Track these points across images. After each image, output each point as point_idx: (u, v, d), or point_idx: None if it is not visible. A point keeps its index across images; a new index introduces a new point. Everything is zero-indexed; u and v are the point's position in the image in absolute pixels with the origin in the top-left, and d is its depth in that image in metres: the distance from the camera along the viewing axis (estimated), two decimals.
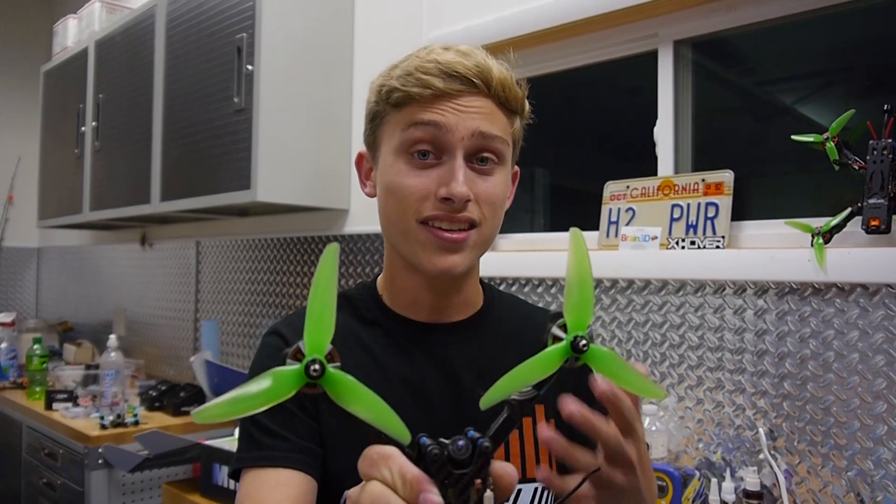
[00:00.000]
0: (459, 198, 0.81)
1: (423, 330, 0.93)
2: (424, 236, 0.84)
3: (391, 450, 0.48)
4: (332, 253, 0.46)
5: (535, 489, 0.93)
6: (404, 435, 0.48)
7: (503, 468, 0.49)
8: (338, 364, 0.46)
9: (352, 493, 0.50)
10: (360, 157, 0.97)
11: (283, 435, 0.84)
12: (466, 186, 0.82)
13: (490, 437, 0.49)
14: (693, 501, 1.40)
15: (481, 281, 1.01)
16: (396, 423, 0.48)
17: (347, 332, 0.91)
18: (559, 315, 0.51)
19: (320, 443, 0.86)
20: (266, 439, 0.84)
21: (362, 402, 0.47)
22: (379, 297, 0.96)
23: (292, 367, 0.45)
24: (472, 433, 0.49)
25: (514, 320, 1.01)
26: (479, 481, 0.48)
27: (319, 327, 0.46)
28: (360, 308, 0.95)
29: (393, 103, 0.86)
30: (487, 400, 0.49)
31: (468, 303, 0.96)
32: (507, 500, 0.50)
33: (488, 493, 0.48)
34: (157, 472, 2.26)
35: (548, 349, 0.50)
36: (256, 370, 0.89)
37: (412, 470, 0.46)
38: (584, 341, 0.49)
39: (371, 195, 0.94)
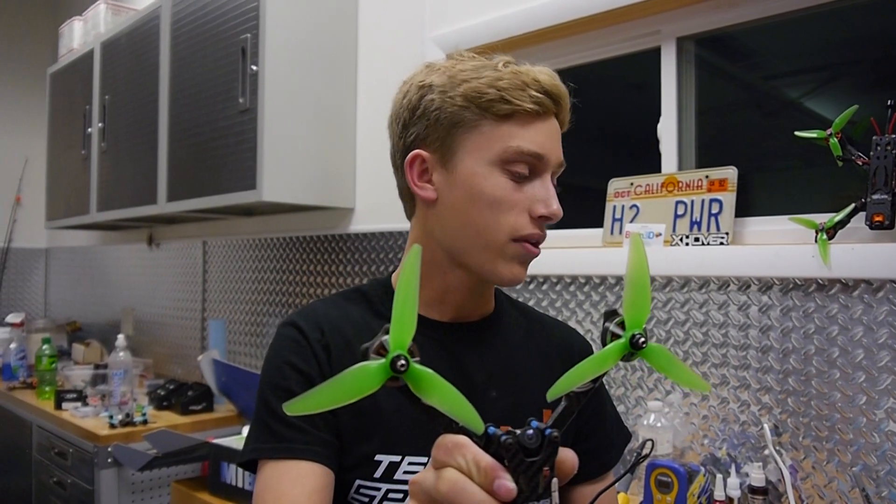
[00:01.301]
0: (557, 216, 0.88)
1: (436, 328, 0.94)
2: (514, 251, 0.88)
3: (464, 439, 0.50)
4: (415, 254, 0.49)
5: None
6: (478, 425, 0.50)
7: (565, 454, 0.52)
8: (418, 359, 0.49)
9: (421, 479, 0.51)
10: (416, 156, 0.90)
11: (301, 426, 0.85)
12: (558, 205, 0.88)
13: (555, 427, 0.51)
14: (698, 497, 1.41)
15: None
16: (472, 413, 0.50)
17: (363, 326, 0.93)
18: (615, 313, 0.55)
19: (337, 434, 0.87)
20: (285, 431, 0.85)
21: (442, 394, 0.49)
22: (394, 293, 0.97)
23: (378, 362, 0.48)
24: (537, 423, 0.51)
25: (523, 325, 1.03)
26: (546, 469, 0.50)
27: (403, 324, 0.48)
28: (376, 303, 0.97)
29: (497, 113, 0.86)
30: (554, 392, 0.53)
31: (485, 305, 0.99)
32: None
33: (555, 480, 0.50)
34: (166, 470, 2.28)
35: (608, 347, 0.53)
36: (273, 360, 0.91)
37: (486, 458, 0.49)
38: (642, 339, 0.52)
39: (431, 198, 0.90)
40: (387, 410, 0.87)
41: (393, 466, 0.86)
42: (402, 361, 0.47)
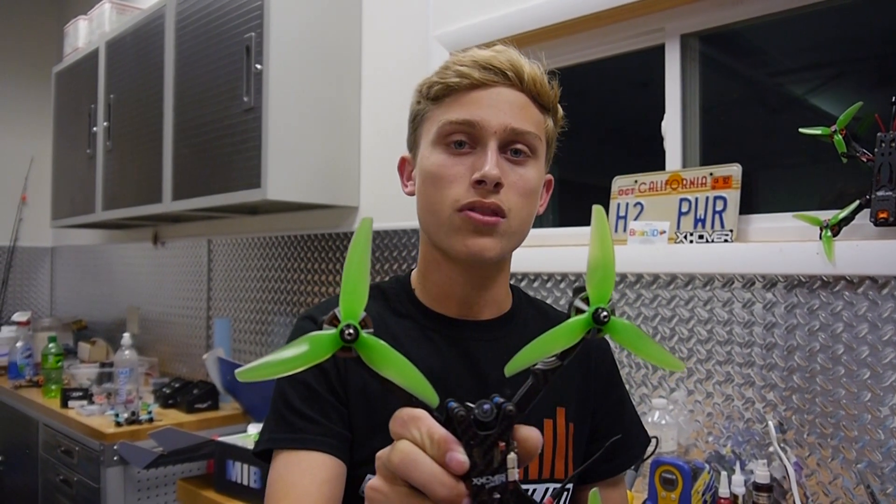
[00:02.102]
0: (490, 179, 0.84)
1: (453, 325, 0.95)
2: (459, 221, 0.86)
3: (420, 412, 0.50)
4: (366, 225, 0.49)
5: (547, 489, 0.94)
6: (433, 398, 0.50)
7: (528, 431, 0.51)
8: (371, 330, 0.48)
9: (381, 453, 0.52)
10: (402, 160, 0.99)
11: (315, 418, 0.86)
12: (498, 169, 0.85)
13: (515, 403, 0.51)
14: (703, 494, 1.41)
15: (511, 285, 1.02)
16: (426, 386, 0.50)
17: (379, 322, 0.93)
18: (582, 289, 0.53)
19: (350, 428, 0.88)
20: (299, 422, 0.86)
21: (394, 366, 0.49)
22: (411, 290, 0.98)
23: (328, 332, 0.48)
24: (498, 399, 0.51)
25: (540, 324, 1.02)
26: (503, 444, 0.49)
27: (353, 295, 0.48)
28: (392, 300, 0.97)
29: (432, 97, 0.90)
30: (512, 367, 0.51)
31: (497, 302, 0.98)
32: (530, 461, 0.51)
33: (511, 455, 0.49)
34: (172, 468, 2.29)
35: (570, 320, 0.52)
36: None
37: (440, 430, 0.49)
38: (605, 313, 0.51)
39: (411, 193, 0.96)
40: (398, 406, 0.88)
41: None
42: (351, 331, 0.47)
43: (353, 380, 0.89)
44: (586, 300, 0.52)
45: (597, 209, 0.52)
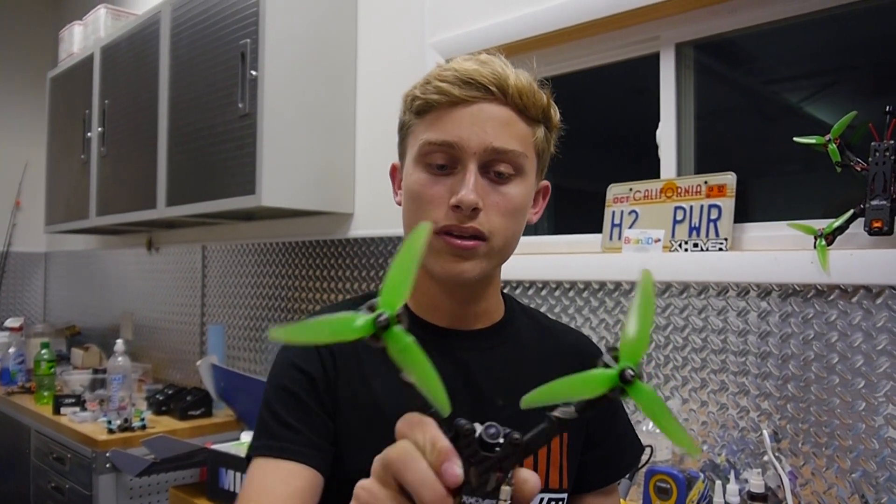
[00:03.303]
0: (467, 205, 0.82)
1: (444, 335, 0.94)
2: (439, 244, 0.85)
3: (430, 420, 0.51)
4: (424, 229, 0.50)
5: (542, 499, 0.94)
6: (445, 406, 0.51)
7: (529, 474, 0.51)
8: (404, 327, 0.49)
9: (380, 454, 0.52)
10: (393, 168, 0.99)
11: (297, 428, 0.85)
12: (476, 194, 0.83)
13: (524, 440, 0.51)
14: None
15: (503, 293, 1.01)
16: (442, 394, 0.50)
17: None
18: (615, 349, 0.53)
19: (334, 441, 0.87)
20: (281, 431, 0.86)
21: (417, 366, 0.50)
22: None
23: (365, 315, 0.49)
24: (509, 430, 0.51)
25: (533, 333, 1.02)
26: (500, 473, 0.49)
27: (396, 289, 0.49)
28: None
29: (415, 111, 0.89)
30: (528, 401, 0.51)
31: (488, 312, 0.97)
32: None
33: (506, 488, 0.49)
34: (165, 475, 2.28)
35: (597, 370, 0.51)
36: (279, 361, 0.92)
37: (443, 440, 0.49)
38: (631, 372, 0.50)
39: (399, 203, 0.96)
40: (391, 416, 0.87)
41: None
42: (385, 317, 0.48)
43: (344, 390, 0.89)
44: (616, 358, 0.51)
45: (645, 273, 0.52)
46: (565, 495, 0.97)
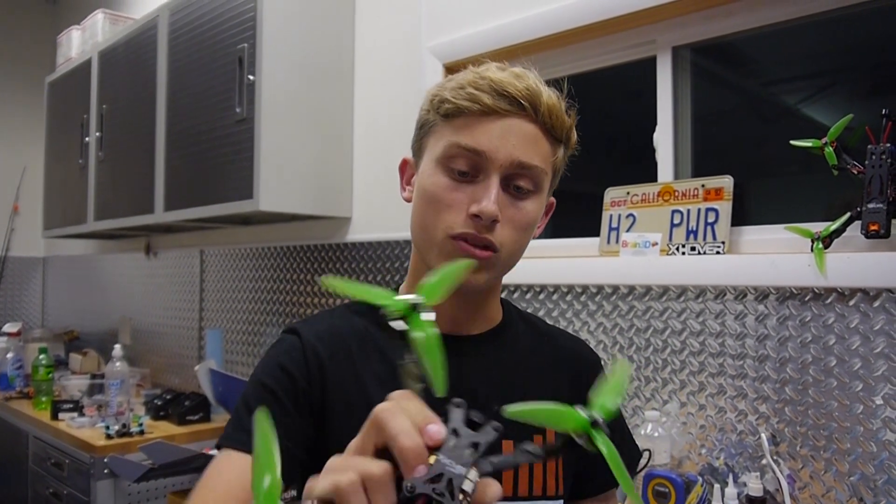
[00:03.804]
0: (487, 216, 0.83)
1: (443, 339, 0.94)
2: (451, 248, 0.85)
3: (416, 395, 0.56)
4: (468, 264, 0.63)
5: None
6: (441, 390, 0.55)
7: (491, 484, 0.52)
8: (432, 319, 0.55)
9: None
10: (404, 162, 0.98)
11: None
12: (496, 206, 0.83)
13: (493, 460, 0.53)
14: None
15: (502, 299, 1.02)
16: (442, 378, 0.55)
17: (367, 338, 0.93)
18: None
19: (306, 448, 0.87)
20: (251, 426, 0.85)
21: (431, 352, 0.55)
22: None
23: (406, 297, 0.55)
24: (496, 422, 0.55)
25: (531, 338, 1.02)
26: (475, 452, 0.52)
27: (437, 287, 0.57)
28: (369, 311, 0.96)
29: (443, 113, 0.88)
30: (511, 412, 0.54)
31: (488, 318, 0.98)
32: None
33: (474, 472, 0.51)
34: (163, 481, 2.27)
35: (569, 408, 0.54)
36: (266, 359, 0.92)
37: (430, 411, 0.54)
38: (600, 418, 0.54)
39: (408, 200, 0.95)
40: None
41: None
42: (418, 303, 0.54)
43: (335, 393, 0.89)
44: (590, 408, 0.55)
45: (622, 363, 0.58)
46: (560, 502, 0.97)
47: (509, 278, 1.87)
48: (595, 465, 1.01)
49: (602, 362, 1.09)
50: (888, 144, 1.33)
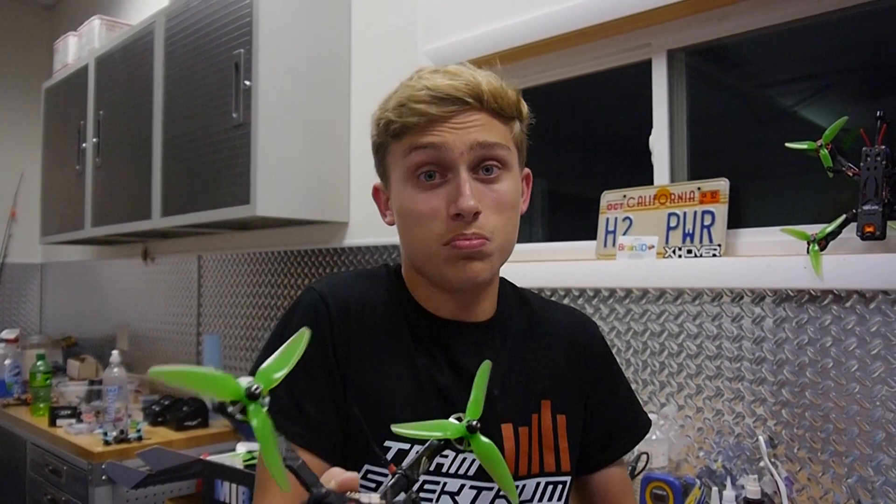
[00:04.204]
0: (468, 211, 0.84)
1: (445, 325, 0.95)
2: (448, 254, 0.86)
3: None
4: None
5: (538, 483, 0.96)
6: (285, 486, 0.53)
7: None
8: (265, 406, 0.51)
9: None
10: (375, 189, 0.99)
11: (311, 416, 0.86)
12: (474, 199, 0.84)
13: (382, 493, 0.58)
14: None
15: (503, 280, 1.03)
16: (281, 474, 0.52)
17: (388, 308, 0.94)
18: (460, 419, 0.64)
19: (345, 423, 0.88)
20: (294, 411, 0.86)
21: (264, 444, 0.50)
22: (405, 286, 0.98)
23: (243, 384, 0.50)
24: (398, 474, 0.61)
25: (526, 321, 1.03)
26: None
27: (273, 370, 0.53)
28: (393, 290, 0.97)
29: (392, 134, 0.89)
30: (399, 431, 0.62)
31: (489, 306, 0.99)
32: None
33: None
34: (161, 487, 2.26)
35: (450, 421, 0.64)
36: (289, 324, 0.91)
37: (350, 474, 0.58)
38: (476, 422, 0.63)
39: (391, 223, 0.96)
40: (400, 398, 0.89)
41: (402, 454, 0.86)
42: (258, 389, 0.50)
43: (354, 365, 0.89)
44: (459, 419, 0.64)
45: (485, 364, 0.70)
46: (566, 478, 0.98)
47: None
48: (601, 438, 1.03)
49: (599, 330, 1.10)
50: (883, 146, 1.33)
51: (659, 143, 1.76)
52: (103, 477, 2.23)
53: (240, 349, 2.88)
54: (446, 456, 0.89)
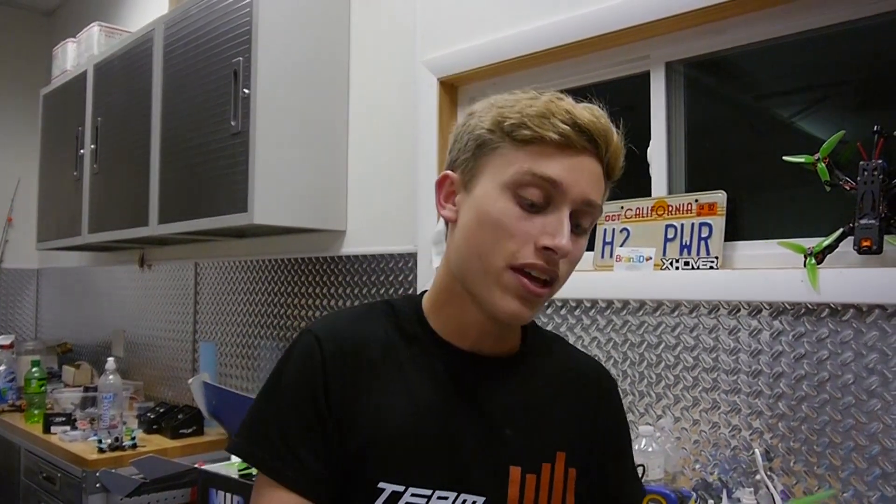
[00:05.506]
0: (563, 251, 0.82)
1: (463, 358, 0.92)
2: (509, 281, 0.84)
3: None
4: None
5: None
6: None
7: None
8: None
9: None
10: (444, 178, 0.92)
11: (299, 456, 0.85)
12: (570, 242, 0.83)
13: None
14: None
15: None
16: None
17: (387, 343, 0.91)
18: None
19: (337, 462, 0.86)
20: (285, 453, 0.85)
21: None
22: (423, 315, 0.95)
23: None
24: None
25: (549, 364, 1.01)
26: None
27: None
28: (403, 321, 0.94)
29: (517, 138, 0.85)
30: None
31: (511, 341, 0.97)
32: None
33: None
34: (155, 496, 2.25)
35: None
36: (285, 368, 0.90)
37: None
38: None
39: (450, 218, 0.91)
40: (395, 440, 0.87)
41: (395, 496, 0.84)
42: None
43: (350, 403, 0.87)
44: None
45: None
46: None
47: None
48: (603, 498, 1.00)
49: (616, 385, 1.09)
50: (880, 160, 1.33)
51: (657, 154, 1.77)
52: (97, 485, 2.22)
53: (236, 357, 2.88)
54: (446, 498, 0.87)
